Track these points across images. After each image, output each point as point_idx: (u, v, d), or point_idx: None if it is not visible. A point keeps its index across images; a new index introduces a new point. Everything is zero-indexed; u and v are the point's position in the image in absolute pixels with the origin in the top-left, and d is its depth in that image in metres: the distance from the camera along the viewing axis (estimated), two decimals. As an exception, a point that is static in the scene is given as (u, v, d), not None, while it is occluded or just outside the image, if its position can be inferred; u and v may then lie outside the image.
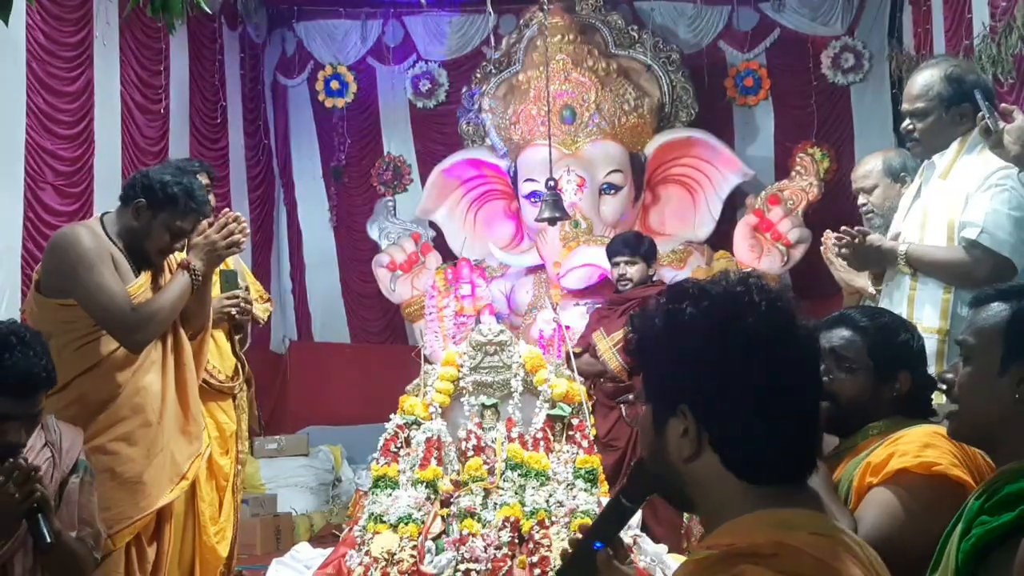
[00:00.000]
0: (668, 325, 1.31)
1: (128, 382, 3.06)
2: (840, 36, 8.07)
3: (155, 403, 3.11)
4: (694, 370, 1.28)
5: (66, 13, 5.51)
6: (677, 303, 1.31)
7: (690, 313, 1.29)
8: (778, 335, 1.27)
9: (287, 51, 8.76)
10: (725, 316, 1.28)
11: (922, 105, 3.06)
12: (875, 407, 2.15)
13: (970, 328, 1.72)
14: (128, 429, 3.04)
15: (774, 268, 7.37)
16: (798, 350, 1.29)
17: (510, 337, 4.02)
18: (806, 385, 1.30)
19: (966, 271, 2.89)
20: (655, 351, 1.33)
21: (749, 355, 1.25)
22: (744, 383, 1.25)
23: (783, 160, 8.02)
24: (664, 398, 1.32)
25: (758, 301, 1.28)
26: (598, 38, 7.75)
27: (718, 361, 1.26)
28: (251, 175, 8.08)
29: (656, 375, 1.34)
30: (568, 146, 7.36)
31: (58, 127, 5.47)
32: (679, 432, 1.29)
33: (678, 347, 1.29)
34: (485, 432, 3.75)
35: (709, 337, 1.27)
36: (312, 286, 8.86)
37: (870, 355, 2.16)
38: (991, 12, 5.60)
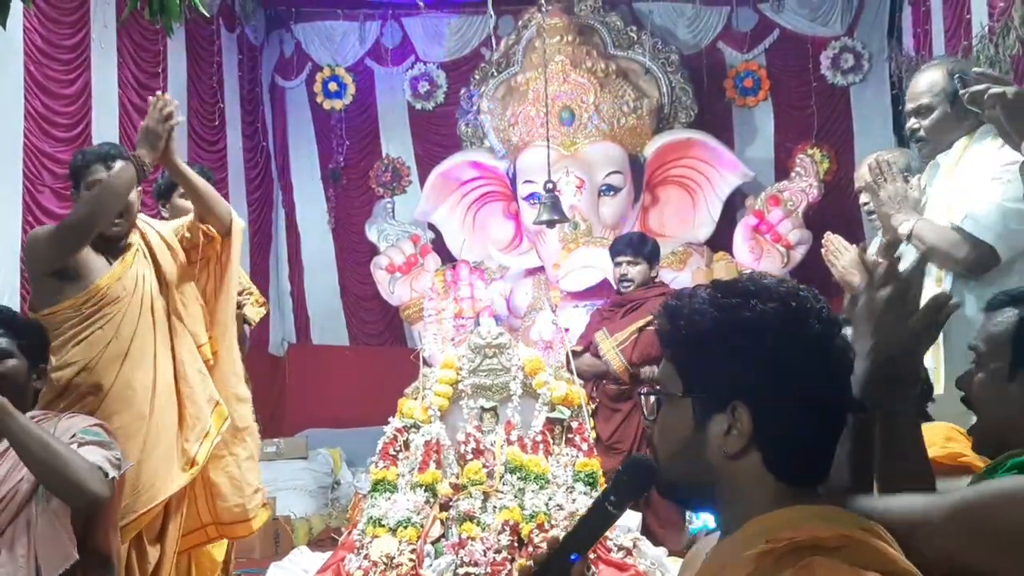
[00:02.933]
0: (730, 321, 1.28)
1: (117, 377, 3.07)
2: (839, 37, 8.06)
3: (146, 395, 3.11)
4: (757, 368, 1.27)
5: (63, 16, 5.49)
6: (739, 297, 1.29)
7: (759, 310, 1.27)
8: (833, 343, 1.29)
9: (285, 53, 8.74)
10: (794, 318, 1.27)
11: (927, 101, 3.07)
12: None
13: (981, 334, 1.72)
14: (121, 424, 3.02)
15: (774, 269, 7.34)
16: (844, 358, 1.32)
17: (509, 340, 4.01)
18: (844, 391, 1.32)
19: (947, 254, 2.94)
20: (710, 344, 1.30)
21: (811, 358, 1.27)
22: (802, 387, 1.26)
23: (783, 161, 8.01)
24: (713, 394, 1.30)
25: (819, 308, 1.30)
26: (597, 39, 7.74)
27: (783, 363, 1.26)
28: (249, 177, 8.06)
29: (706, 370, 1.31)
30: (567, 147, 7.35)
31: (56, 130, 5.45)
32: (723, 429, 1.28)
33: (743, 344, 1.28)
34: (484, 435, 3.74)
35: (779, 338, 1.27)
36: (311, 288, 8.84)
37: None
38: (990, 13, 5.59)
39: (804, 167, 7.67)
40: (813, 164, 7.69)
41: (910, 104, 3.15)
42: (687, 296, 1.35)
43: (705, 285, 1.37)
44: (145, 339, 3.15)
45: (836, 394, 1.30)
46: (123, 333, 3.13)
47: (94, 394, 3.03)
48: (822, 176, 7.71)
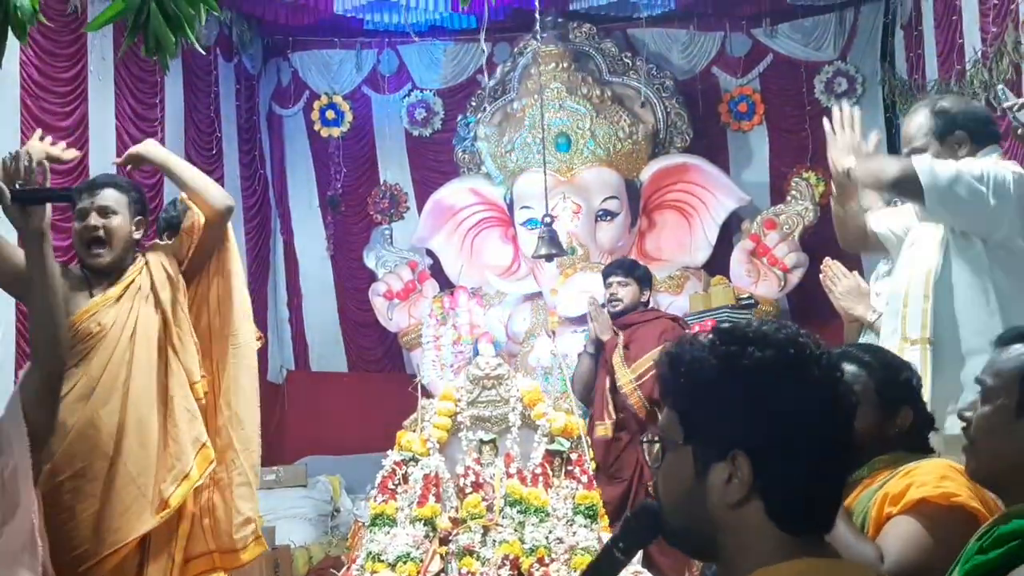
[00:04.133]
0: (730, 368, 1.27)
1: (80, 416, 2.97)
2: (833, 61, 8.11)
3: (111, 435, 3.00)
4: (756, 417, 1.25)
5: (60, 49, 5.53)
6: (738, 345, 1.29)
7: (758, 357, 1.26)
8: (834, 390, 1.28)
9: (282, 81, 8.78)
10: (794, 365, 1.27)
11: (919, 143, 3.08)
12: (880, 442, 2.19)
13: (990, 368, 1.72)
14: (83, 464, 2.95)
15: (771, 293, 7.38)
16: (847, 406, 1.30)
17: (507, 371, 4.00)
18: (848, 440, 1.31)
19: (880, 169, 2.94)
20: (710, 392, 1.29)
21: (811, 405, 1.25)
22: (803, 434, 1.25)
23: (778, 184, 8.05)
24: (713, 443, 1.28)
25: (819, 354, 1.29)
26: (592, 66, 7.79)
27: (783, 411, 1.25)
28: (247, 205, 8.07)
29: (706, 418, 1.30)
30: (564, 173, 7.38)
31: (52, 163, 5.45)
32: (723, 478, 1.26)
33: (742, 392, 1.26)
34: (483, 468, 3.73)
35: (778, 385, 1.25)
36: (309, 315, 8.84)
37: (876, 391, 2.21)
38: (982, 37, 5.63)
39: (800, 190, 7.71)
40: (808, 187, 7.73)
41: (904, 150, 3.17)
42: (687, 343, 1.35)
43: (707, 331, 1.37)
44: (116, 376, 3.04)
45: (838, 441, 1.29)
46: (93, 371, 3.03)
47: (58, 433, 2.85)
48: (818, 199, 7.74)
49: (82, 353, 3.03)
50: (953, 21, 6.14)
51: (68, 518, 2.91)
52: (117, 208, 3.16)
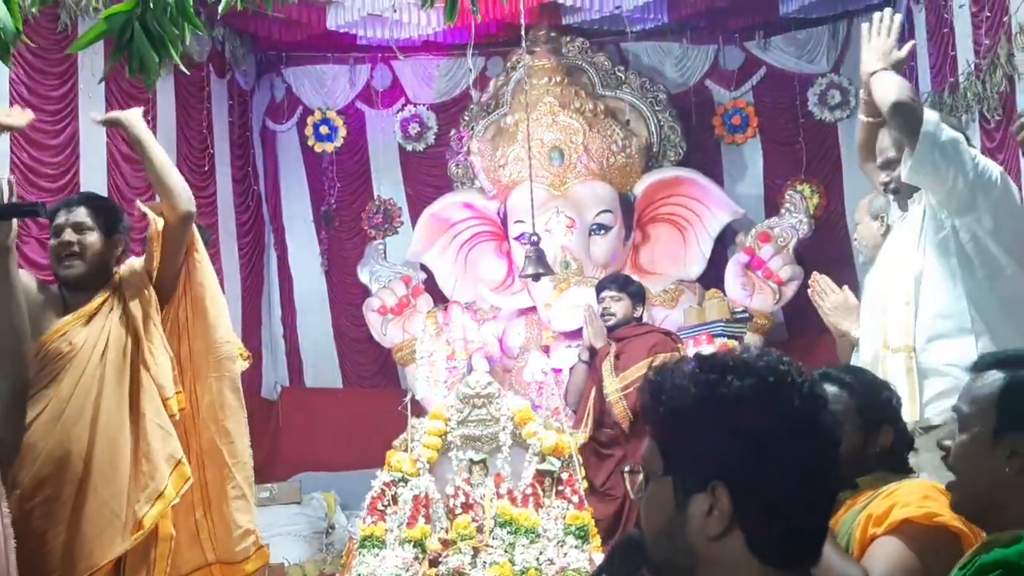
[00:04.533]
0: (708, 397, 1.25)
1: (51, 439, 2.92)
2: (826, 73, 8.11)
3: (80, 457, 2.95)
4: (735, 447, 1.23)
5: (50, 67, 5.51)
6: (717, 374, 1.26)
7: (737, 386, 1.24)
8: (817, 419, 1.26)
9: (276, 97, 8.77)
10: (773, 394, 1.24)
11: (892, 155, 3.09)
12: (861, 462, 2.20)
13: (966, 395, 1.69)
14: (53, 488, 2.91)
15: (766, 306, 7.36)
16: (830, 435, 1.28)
17: (498, 389, 3.98)
18: (831, 470, 1.28)
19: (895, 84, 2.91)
20: (689, 422, 1.27)
21: (792, 435, 1.23)
22: (784, 464, 1.23)
23: (773, 197, 8.04)
24: (693, 473, 1.26)
25: (801, 382, 1.26)
26: (584, 79, 7.79)
27: (763, 440, 1.23)
28: (240, 221, 8.05)
29: (685, 448, 1.28)
30: (557, 187, 7.37)
31: (43, 180, 5.45)
32: (704, 509, 1.24)
33: (720, 421, 1.24)
34: (473, 488, 3.70)
35: (757, 414, 1.23)
36: (304, 331, 8.79)
37: (858, 411, 2.22)
38: (975, 50, 5.62)
39: (794, 203, 7.70)
40: (803, 200, 7.71)
41: (879, 158, 3.17)
42: (668, 371, 1.33)
43: (688, 359, 1.35)
44: (86, 396, 3.00)
45: (822, 472, 1.26)
46: (63, 392, 2.99)
47: (28, 455, 2.84)
48: (812, 212, 7.74)
49: (52, 374, 3.00)
50: (945, 34, 6.14)
51: (39, 545, 2.85)
52: (92, 224, 3.14)
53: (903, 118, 2.87)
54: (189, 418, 3.21)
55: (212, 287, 3.32)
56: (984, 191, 2.90)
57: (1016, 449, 1.53)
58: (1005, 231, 2.95)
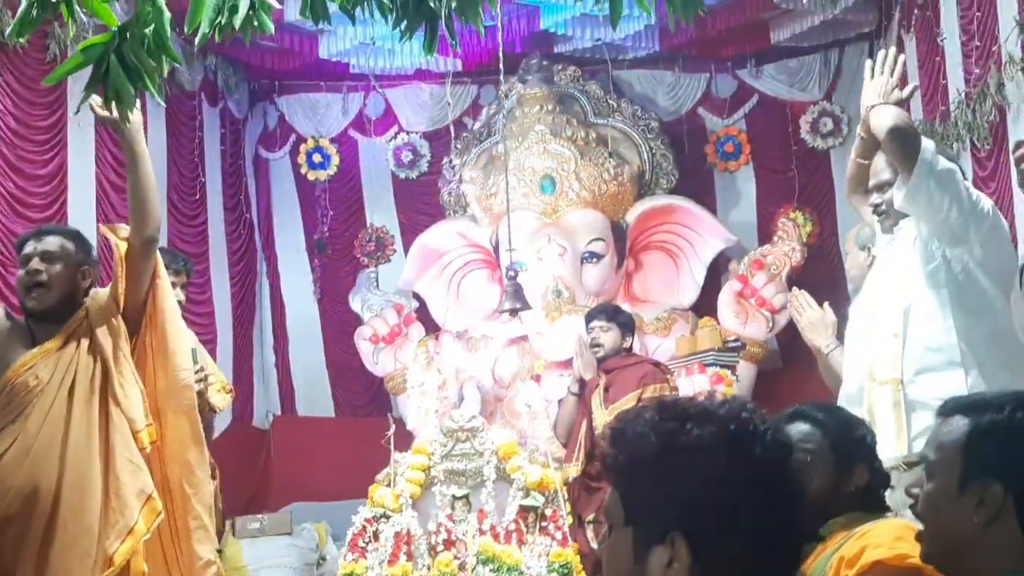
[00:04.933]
0: (668, 446, 1.22)
1: (20, 476, 2.88)
2: (818, 101, 8.12)
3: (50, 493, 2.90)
4: (695, 498, 1.20)
5: (39, 97, 5.49)
6: (677, 422, 1.23)
7: (696, 435, 1.21)
8: (779, 468, 1.23)
9: (269, 125, 8.77)
10: (734, 442, 1.21)
11: (886, 177, 3.07)
12: (836, 502, 2.17)
13: (932, 442, 1.64)
14: (21, 526, 2.86)
15: (760, 334, 7.32)
16: (793, 484, 1.25)
17: (482, 423, 3.94)
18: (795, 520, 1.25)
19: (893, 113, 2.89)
20: (648, 472, 1.24)
21: (753, 485, 1.20)
22: (745, 515, 1.19)
23: (765, 225, 8.02)
24: (653, 524, 1.22)
25: (763, 430, 1.23)
26: (576, 108, 7.79)
27: (722, 491, 1.19)
28: (232, 249, 8.02)
29: (645, 498, 1.25)
30: (549, 215, 7.36)
31: (30, 211, 5.42)
32: (663, 562, 1.20)
33: (679, 471, 1.21)
34: (456, 524, 3.64)
35: (716, 464, 1.20)
36: (296, 360, 8.75)
37: (831, 450, 2.19)
38: (966, 79, 5.62)
39: (787, 231, 7.68)
40: (796, 228, 7.69)
41: (871, 181, 3.15)
42: (630, 419, 1.30)
43: (650, 406, 1.31)
44: (54, 432, 2.95)
45: (784, 522, 1.22)
46: (30, 428, 2.94)
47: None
48: (805, 239, 7.71)
49: (19, 408, 2.95)
50: (936, 63, 6.13)
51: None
52: (61, 255, 3.11)
53: (900, 144, 2.86)
54: (157, 450, 3.16)
55: (173, 314, 3.27)
56: (976, 222, 2.88)
57: (984, 498, 1.48)
58: (993, 263, 2.94)
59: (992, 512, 1.37)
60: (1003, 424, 1.51)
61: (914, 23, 6.53)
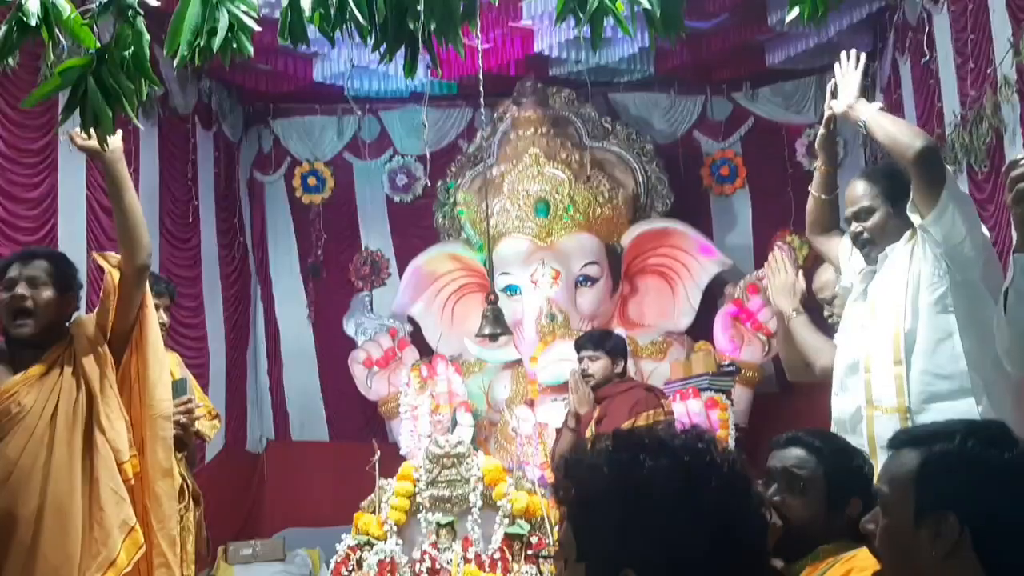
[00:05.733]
0: (621, 479, 1.18)
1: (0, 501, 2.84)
2: (814, 124, 8.06)
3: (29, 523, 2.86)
4: (648, 534, 1.15)
5: (29, 120, 5.47)
6: (630, 453, 1.18)
7: (648, 468, 1.16)
8: (738, 501, 1.18)
9: (264, 148, 8.76)
10: (688, 476, 1.16)
11: (867, 203, 3.05)
12: (825, 531, 2.15)
13: (883, 476, 1.60)
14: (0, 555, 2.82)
15: (756, 358, 7.27)
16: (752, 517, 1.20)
17: (468, 449, 3.88)
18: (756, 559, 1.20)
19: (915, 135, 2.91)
20: (600, 506, 1.19)
21: (708, 520, 1.15)
22: (700, 550, 1.14)
23: (761, 248, 7.96)
24: (605, 560, 1.17)
25: (720, 463, 1.18)
26: (571, 130, 7.77)
27: (676, 526, 1.15)
28: (225, 273, 7.99)
29: (598, 533, 1.19)
30: (543, 239, 7.32)
31: (19, 234, 5.38)
32: None
33: (631, 506, 1.16)
34: (440, 552, 3.59)
35: (670, 498, 1.16)
36: (290, 384, 8.69)
37: (825, 479, 2.16)
38: (961, 101, 5.59)
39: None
40: (792, 251, 7.64)
41: (849, 209, 3.11)
42: (585, 450, 1.25)
43: (607, 437, 1.27)
44: (35, 460, 2.91)
45: (745, 557, 1.17)
46: (10, 455, 2.89)
47: None
48: (801, 263, 7.65)
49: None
50: (931, 85, 6.12)
51: None
52: (47, 280, 3.06)
53: (929, 166, 2.84)
54: (139, 480, 3.11)
55: (157, 344, 3.22)
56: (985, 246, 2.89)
57: (940, 530, 1.43)
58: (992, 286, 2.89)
59: (949, 545, 1.33)
60: (954, 454, 1.47)
61: (908, 45, 6.52)
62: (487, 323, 4.95)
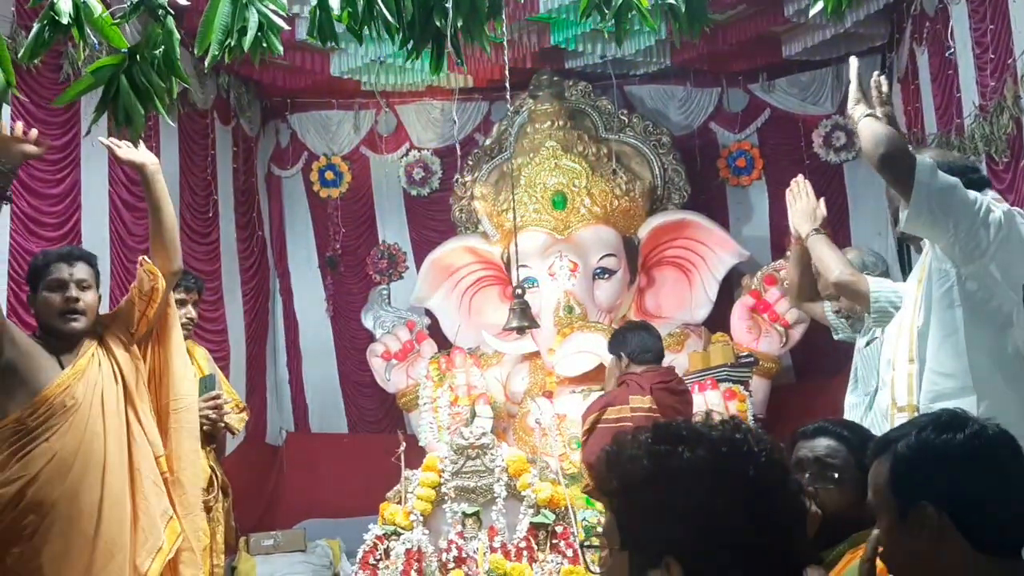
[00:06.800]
0: (660, 469, 1.21)
1: (61, 493, 2.93)
2: (831, 115, 8.09)
3: (92, 512, 2.98)
4: (688, 521, 1.19)
5: (52, 116, 5.52)
6: (669, 445, 1.22)
7: (687, 459, 1.20)
8: (776, 490, 1.22)
9: (281, 143, 8.81)
10: (726, 466, 1.20)
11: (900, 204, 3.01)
12: (859, 517, 2.13)
13: (870, 487, 1.65)
14: (65, 544, 2.91)
15: (773, 349, 7.28)
16: (790, 504, 1.23)
17: (492, 440, 3.92)
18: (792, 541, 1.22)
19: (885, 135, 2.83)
20: (641, 496, 1.23)
21: (746, 508, 1.19)
22: (739, 537, 1.18)
23: (778, 240, 7.96)
24: (647, 548, 1.21)
25: (757, 451, 1.22)
26: (588, 123, 7.78)
27: (715, 514, 1.18)
28: (244, 267, 8.04)
29: (640, 522, 1.24)
30: (560, 231, 7.34)
31: (43, 230, 5.44)
32: None
33: (671, 495, 1.20)
34: (466, 542, 3.63)
35: (708, 487, 1.19)
36: (309, 376, 8.75)
37: (858, 467, 2.16)
38: (980, 91, 5.58)
39: (800, 246, 7.62)
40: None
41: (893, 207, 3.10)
42: (625, 443, 1.28)
43: (646, 429, 1.30)
44: (92, 451, 3.03)
45: (780, 546, 1.20)
46: (69, 445, 3.00)
47: (36, 512, 2.88)
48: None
49: (54, 427, 3.00)
50: (949, 76, 6.10)
51: None
52: (91, 282, 3.23)
53: (893, 170, 2.80)
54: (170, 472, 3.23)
55: (179, 339, 3.40)
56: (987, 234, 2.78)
57: (923, 522, 1.48)
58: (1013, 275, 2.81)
59: (933, 533, 1.38)
60: (915, 447, 1.53)
61: (926, 36, 6.50)
62: (514, 316, 4.98)
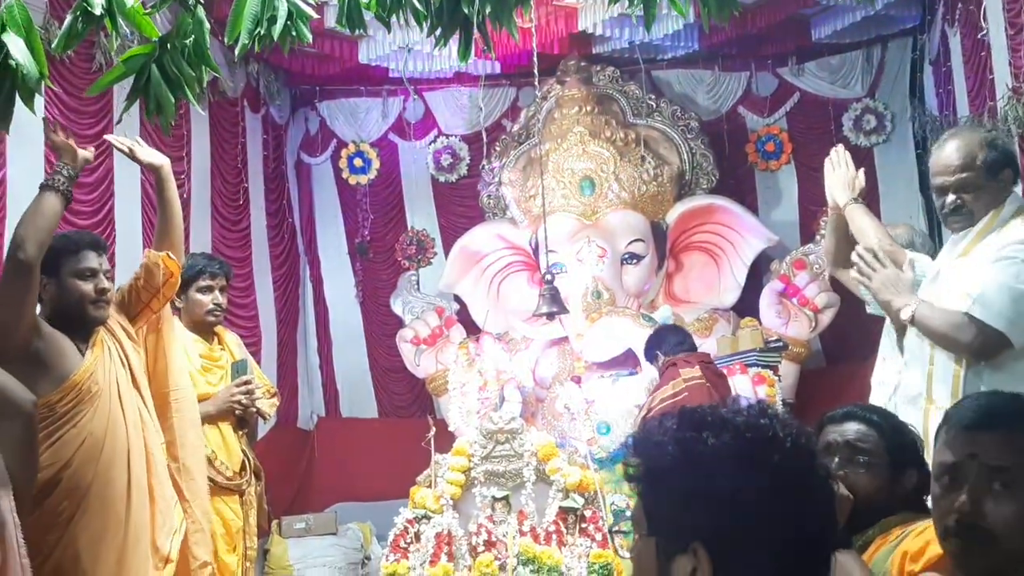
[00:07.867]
0: (685, 455, 1.22)
1: (95, 476, 3.00)
2: (861, 98, 8.01)
3: (122, 494, 3.05)
4: (713, 507, 1.19)
5: (85, 106, 5.58)
6: (694, 431, 1.23)
7: (712, 444, 1.21)
8: (802, 475, 1.21)
9: (310, 130, 8.86)
10: (752, 451, 1.20)
11: (969, 175, 2.93)
12: (888, 503, 2.19)
13: None
14: (101, 526, 2.98)
15: (802, 334, 7.25)
16: (819, 490, 1.23)
17: (521, 424, 3.94)
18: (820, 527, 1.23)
19: (952, 338, 2.85)
20: (667, 482, 1.24)
21: (772, 493, 1.19)
22: (766, 523, 1.18)
23: (808, 224, 7.93)
24: (674, 534, 1.22)
25: (783, 437, 1.22)
26: (616, 108, 7.76)
27: (741, 500, 1.18)
28: (274, 254, 8.11)
29: (666, 508, 1.24)
30: (588, 217, 7.34)
31: (77, 218, 5.51)
32: (687, 572, 1.20)
33: (697, 481, 1.21)
34: (496, 526, 3.66)
35: (733, 473, 1.19)
36: (339, 362, 8.83)
37: (887, 452, 2.21)
38: (1014, 73, 5.51)
39: (829, 230, 7.58)
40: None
41: (945, 178, 2.97)
42: (652, 428, 1.30)
43: (672, 415, 1.31)
44: (118, 435, 3.09)
45: (808, 531, 1.20)
46: (96, 430, 3.05)
47: (70, 497, 2.94)
48: (848, 238, 7.61)
49: (83, 412, 3.05)
50: (982, 57, 6.03)
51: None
52: (111, 272, 3.32)
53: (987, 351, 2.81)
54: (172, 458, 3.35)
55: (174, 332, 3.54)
56: None
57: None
58: None
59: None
60: None
61: (958, 18, 6.43)
62: (544, 302, 5.01)
